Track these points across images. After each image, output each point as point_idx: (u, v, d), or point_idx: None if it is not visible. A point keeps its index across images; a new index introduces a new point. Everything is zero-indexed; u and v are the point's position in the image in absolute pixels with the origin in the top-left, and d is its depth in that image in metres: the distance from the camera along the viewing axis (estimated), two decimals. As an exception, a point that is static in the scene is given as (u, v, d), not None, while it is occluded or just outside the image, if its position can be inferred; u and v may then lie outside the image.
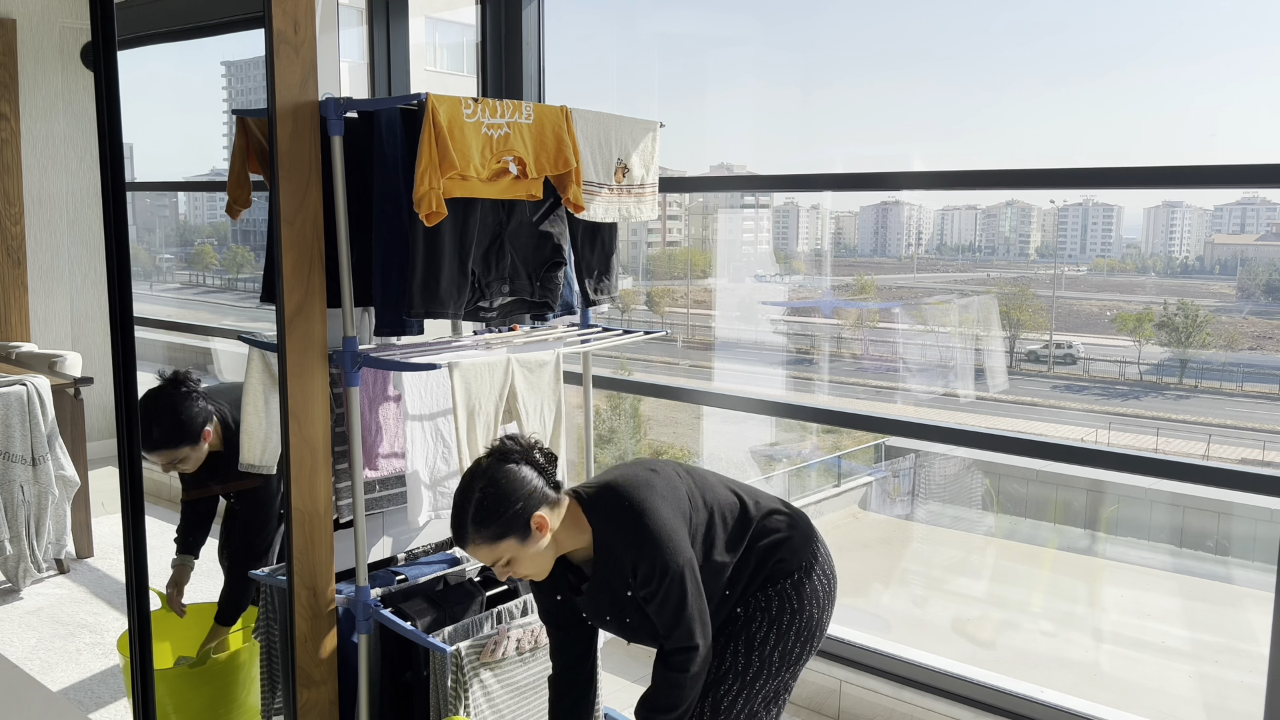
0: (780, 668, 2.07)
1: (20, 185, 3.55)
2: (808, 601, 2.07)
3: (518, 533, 1.90)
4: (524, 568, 1.94)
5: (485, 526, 1.89)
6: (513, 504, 1.89)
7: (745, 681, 2.05)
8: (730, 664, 2.06)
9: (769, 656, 2.05)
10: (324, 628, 2.38)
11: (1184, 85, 11.42)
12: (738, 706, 2.05)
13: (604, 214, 2.59)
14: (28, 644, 3.40)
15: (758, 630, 2.06)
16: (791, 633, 2.06)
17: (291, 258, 2.23)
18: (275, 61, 2.16)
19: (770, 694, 2.08)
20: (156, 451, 2.72)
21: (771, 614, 2.06)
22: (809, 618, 2.07)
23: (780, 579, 2.07)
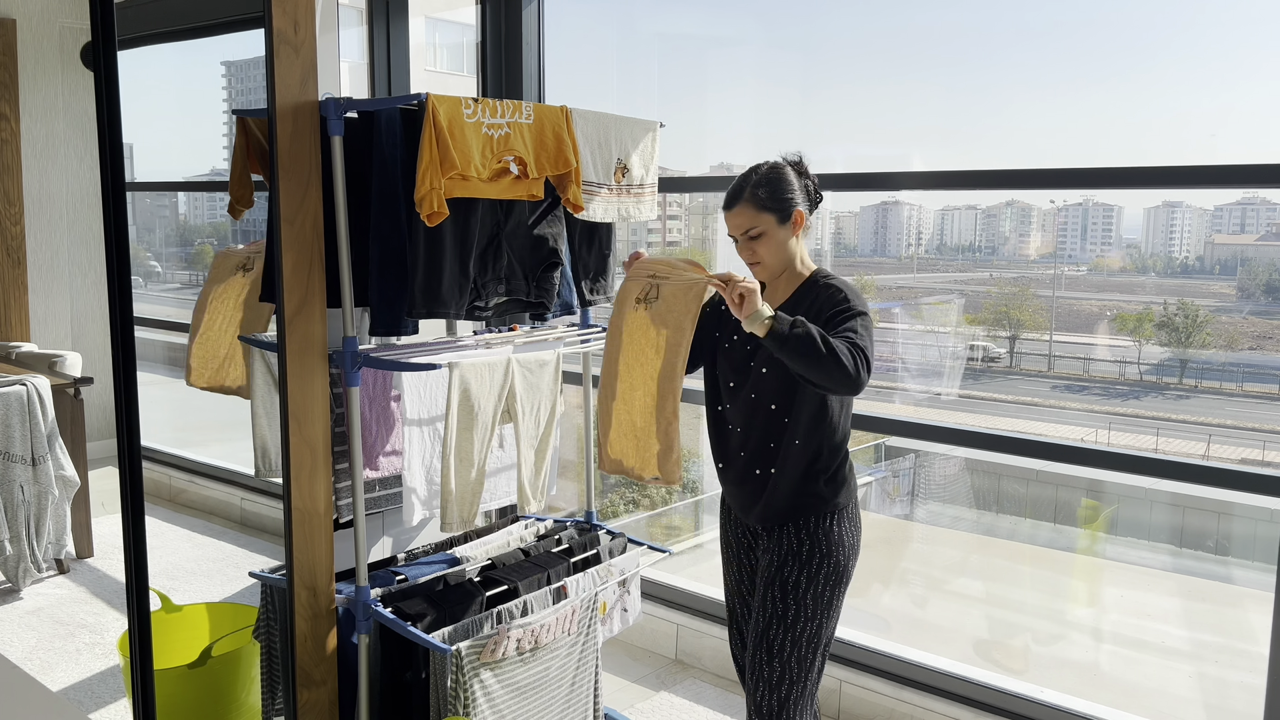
0: (815, 610, 2.18)
1: (20, 185, 3.54)
2: (835, 548, 2.19)
3: (780, 213, 2.16)
4: (767, 248, 2.17)
5: (760, 192, 2.16)
6: (788, 190, 2.18)
7: (788, 625, 2.17)
8: (771, 609, 2.19)
9: (803, 599, 2.17)
10: (324, 628, 2.38)
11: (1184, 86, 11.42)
12: (787, 649, 2.17)
13: (603, 214, 2.59)
14: (28, 644, 3.40)
15: (789, 574, 2.18)
16: (820, 576, 2.18)
17: (291, 258, 2.23)
18: (275, 61, 2.16)
19: (813, 636, 2.19)
20: None
21: (802, 558, 2.18)
22: (834, 563, 2.19)
23: (820, 508, 2.18)
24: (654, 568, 3.55)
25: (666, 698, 3.20)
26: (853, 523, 2.25)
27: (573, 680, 2.50)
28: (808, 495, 2.19)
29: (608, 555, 2.83)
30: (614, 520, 7.37)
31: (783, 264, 2.21)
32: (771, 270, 2.21)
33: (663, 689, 3.25)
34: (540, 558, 2.71)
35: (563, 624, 2.44)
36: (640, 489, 8.58)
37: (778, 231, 2.17)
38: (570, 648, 2.48)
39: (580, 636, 2.50)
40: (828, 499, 2.20)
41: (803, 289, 2.21)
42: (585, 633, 2.52)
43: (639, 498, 8.50)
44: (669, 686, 3.27)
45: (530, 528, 2.93)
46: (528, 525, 2.95)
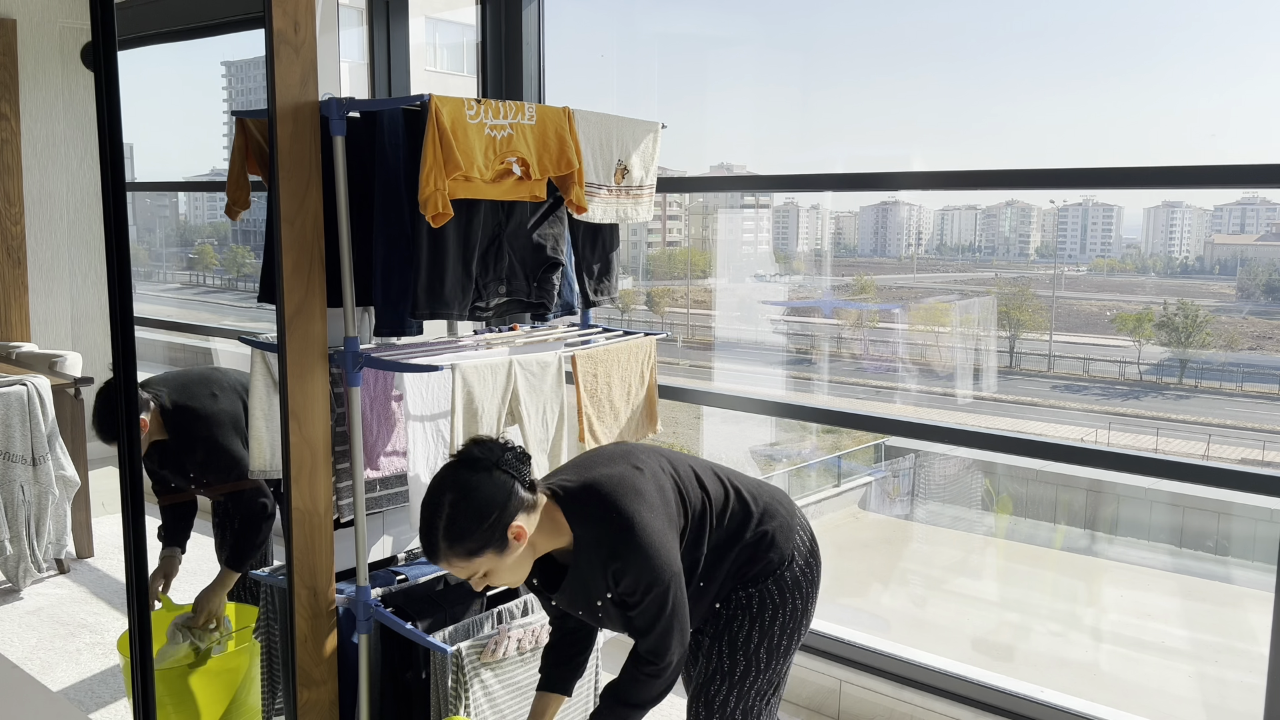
0: (769, 662, 2.02)
1: (20, 185, 3.54)
2: (789, 594, 2.02)
3: (495, 545, 1.78)
4: (501, 578, 1.85)
5: (459, 543, 1.76)
6: (488, 516, 1.76)
7: (734, 681, 2.01)
8: (716, 664, 2.01)
9: (755, 654, 2.01)
10: (324, 628, 2.38)
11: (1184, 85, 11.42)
12: (730, 704, 2.02)
13: (602, 215, 2.59)
14: (28, 644, 3.40)
15: (740, 629, 2.01)
16: (775, 628, 2.01)
17: (291, 258, 2.23)
18: (275, 61, 2.16)
19: (763, 687, 2.04)
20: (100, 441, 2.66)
21: (753, 612, 2.00)
22: (792, 610, 2.02)
23: (763, 577, 2.01)
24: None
25: (666, 697, 3.19)
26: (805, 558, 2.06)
27: (573, 680, 2.51)
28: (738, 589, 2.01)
29: (608, 555, 2.83)
30: (614, 520, 7.34)
31: (527, 567, 1.88)
32: (521, 579, 1.90)
33: None
34: (540, 558, 2.71)
35: (563, 624, 2.44)
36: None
37: (503, 560, 1.80)
38: (570, 648, 2.48)
39: (580, 636, 2.50)
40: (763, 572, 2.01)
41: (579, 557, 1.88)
42: (585, 633, 2.52)
43: (639, 498, 8.48)
44: (669, 686, 3.27)
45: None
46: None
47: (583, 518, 1.86)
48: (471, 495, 1.77)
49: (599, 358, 2.62)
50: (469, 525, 1.76)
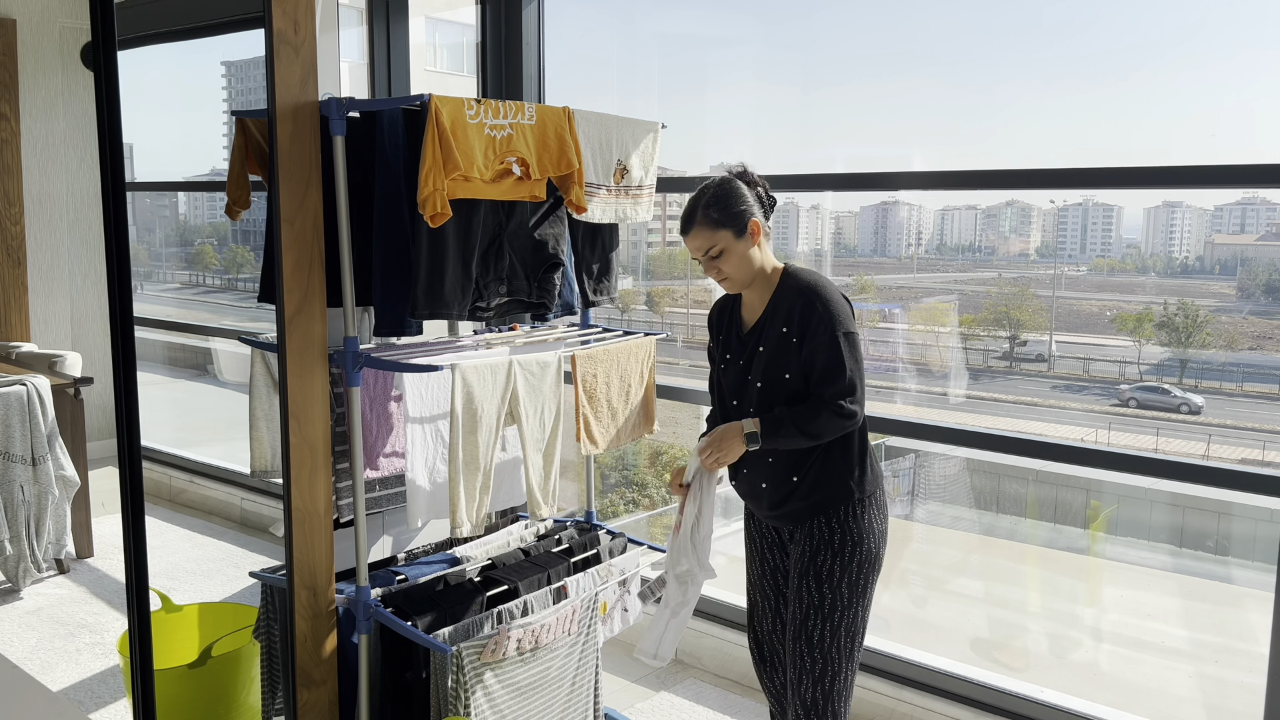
0: (851, 598, 2.21)
1: (20, 185, 3.55)
2: (866, 534, 2.22)
3: (736, 227, 2.19)
4: (730, 263, 2.21)
5: (712, 212, 2.19)
6: (738, 203, 2.21)
7: (824, 614, 2.20)
8: (809, 600, 2.21)
9: (839, 588, 2.20)
10: (324, 628, 2.38)
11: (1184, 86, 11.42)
12: (827, 639, 2.20)
13: (600, 215, 2.59)
14: (28, 644, 3.40)
15: (824, 564, 2.20)
16: (854, 564, 2.21)
17: (291, 258, 2.23)
18: (275, 61, 2.16)
19: (850, 626, 2.22)
20: None
21: (834, 547, 2.20)
22: (867, 550, 2.22)
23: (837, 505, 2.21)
24: (654, 568, 3.55)
25: (667, 698, 3.20)
26: (880, 509, 2.27)
27: (573, 680, 2.50)
28: (831, 490, 2.21)
29: (608, 555, 2.83)
30: (614, 520, 7.37)
31: (749, 275, 2.25)
32: (739, 283, 2.26)
33: (663, 689, 3.25)
34: (540, 558, 2.71)
35: (563, 624, 2.44)
36: (640, 489, 8.58)
37: (737, 245, 2.21)
38: (570, 648, 2.48)
39: (580, 636, 2.50)
40: (853, 490, 2.22)
41: (779, 294, 2.25)
42: (585, 633, 2.52)
43: (639, 498, 8.50)
44: (669, 686, 3.27)
45: (530, 528, 2.93)
46: (528, 525, 2.95)
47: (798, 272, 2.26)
48: (733, 188, 2.24)
49: (598, 358, 2.62)
50: (723, 203, 2.21)
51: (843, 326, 2.17)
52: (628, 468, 8.63)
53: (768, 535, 2.39)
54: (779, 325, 2.22)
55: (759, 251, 2.25)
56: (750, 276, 2.25)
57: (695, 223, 2.23)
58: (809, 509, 2.23)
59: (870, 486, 2.25)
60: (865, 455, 2.26)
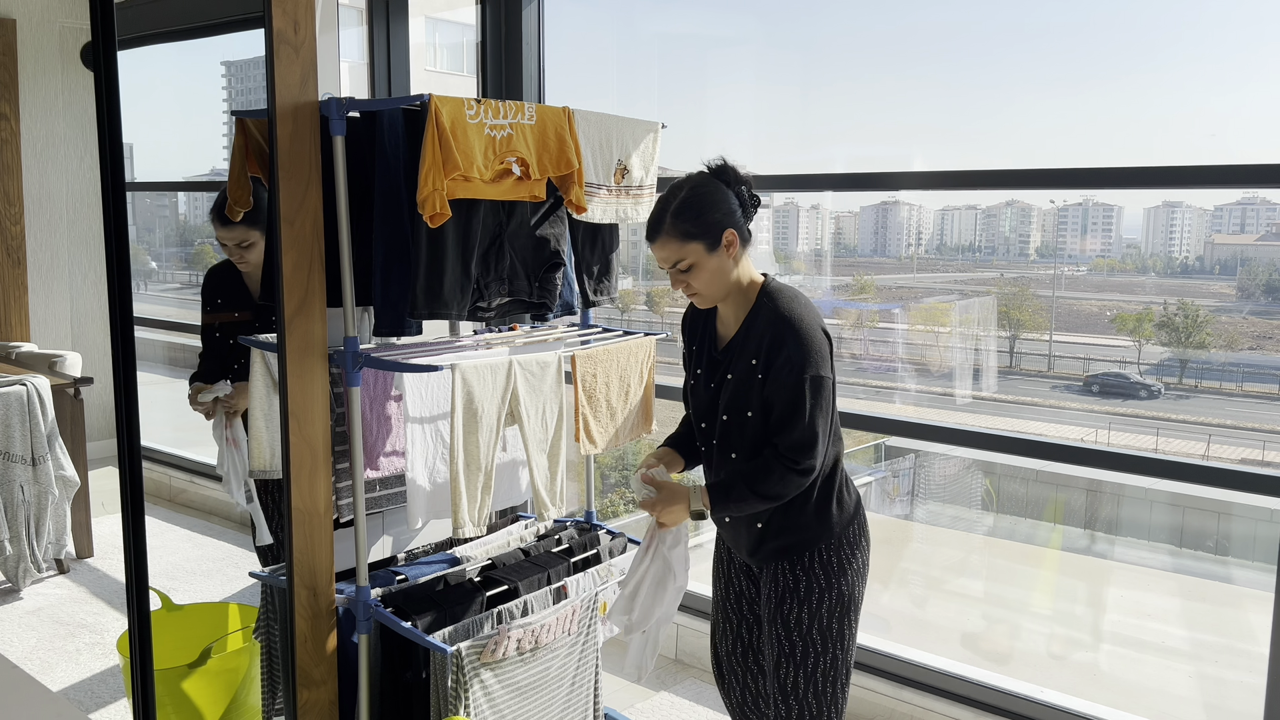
0: (825, 644, 2.09)
1: (20, 185, 3.55)
2: (835, 578, 2.08)
3: (708, 239, 1.97)
4: (700, 279, 2.01)
5: (682, 221, 1.97)
6: (713, 211, 1.98)
7: (797, 662, 2.09)
8: (779, 648, 2.10)
9: (809, 635, 2.08)
10: (324, 628, 2.38)
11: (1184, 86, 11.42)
12: (802, 687, 2.09)
13: (601, 215, 2.59)
14: (28, 644, 3.40)
15: (790, 612, 2.08)
16: (823, 611, 2.07)
17: (291, 258, 2.23)
18: (275, 61, 2.16)
19: (828, 670, 2.10)
20: None
21: (800, 595, 2.08)
22: (839, 595, 2.08)
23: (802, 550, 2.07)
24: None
25: (667, 698, 3.20)
26: (853, 545, 2.11)
27: (573, 680, 2.51)
28: (801, 534, 2.08)
29: (608, 555, 2.83)
30: (614, 520, 7.37)
31: (721, 291, 2.04)
32: (709, 300, 2.07)
33: (663, 689, 3.26)
34: (540, 558, 2.71)
35: (563, 624, 2.44)
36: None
37: (709, 260, 2.00)
38: (570, 648, 2.48)
39: (580, 636, 2.50)
40: (819, 532, 2.07)
41: (753, 317, 2.05)
42: (585, 633, 2.52)
43: (639, 497, 8.49)
44: (669, 686, 3.27)
45: (530, 528, 2.93)
46: (528, 525, 2.95)
47: (774, 293, 2.05)
48: (707, 190, 2.00)
49: (598, 358, 2.62)
50: (696, 210, 1.98)
51: (811, 369, 1.94)
52: (628, 468, 8.63)
53: (736, 561, 2.28)
54: (748, 356, 2.02)
55: (734, 265, 2.03)
56: (723, 293, 2.05)
57: (662, 231, 2.00)
58: (780, 552, 2.09)
59: (838, 526, 2.08)
60: (832, 491, 2.09)
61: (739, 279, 2.05)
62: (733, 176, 2.04)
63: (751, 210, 2.07)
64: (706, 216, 1.98)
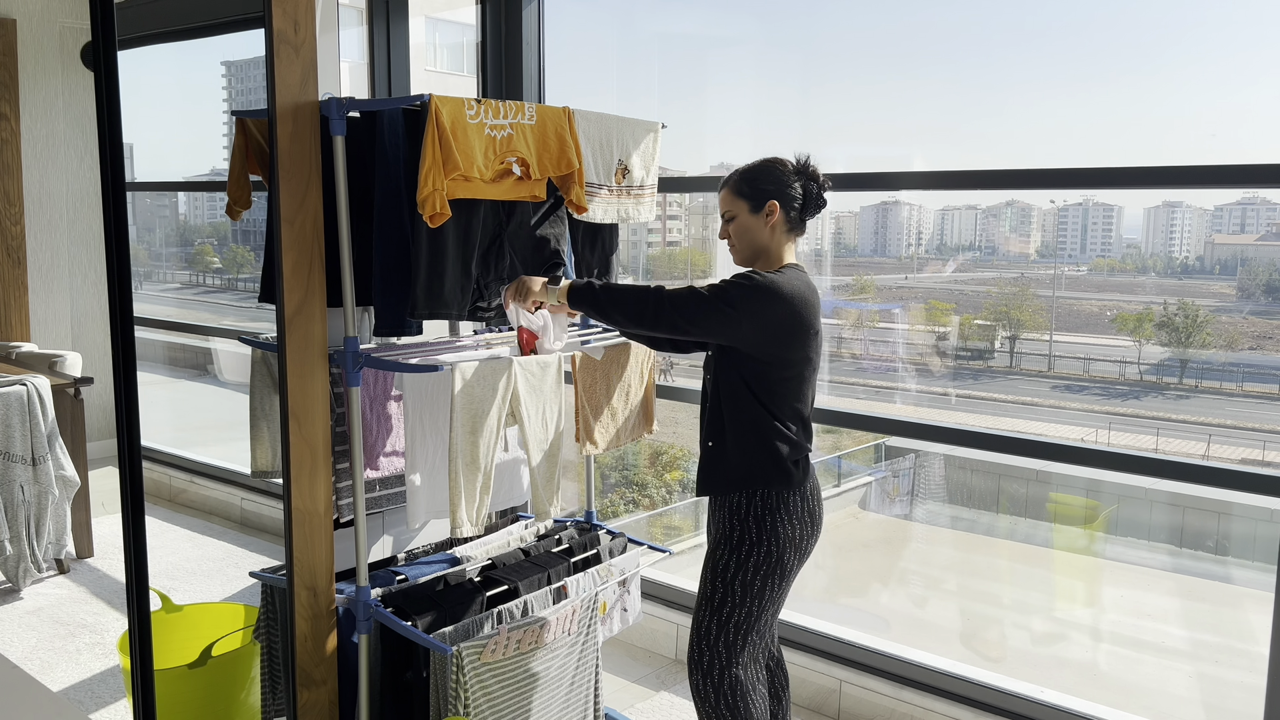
0: (744, 597, 2.19)
1: (20, 185, 3.54)
2: (767, 536, 2.19)
3: (754, 201, 2.25)
4: (735, 231, 2.28)
5: (742, 181, 2.27)
6: (769, 182, 2.25)
7: (714, 607, 2.21)
8: (702, 591, 2.24)
9: (731, 585, 2.19)
10: (324, 628, 2.38)
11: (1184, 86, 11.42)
12: (713, 633, 2.21)
13: (603, 215, 2.59)
14: (28, 644, 3.40)
15: (721, 559, 2.22)
16: (750, 564, 2.19)
17: (291, 258, 2.23)
18: (275, 61, 2.16)
19: (740, 623, 2.20)
20: None
21: (732, 543, 2.20)
22: (767, 553, 2.19)
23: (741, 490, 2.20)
24: (654, 568, 3.55)
25: (667, 698, 3.20)
26: (792, 516, 2.22)
27: (573, 680, 2.51)
28: (738, 469, 2.20)
29: (608, 555, 2.83)
30: (614, 520, 7.37)
31: (751, 251, 2.28)
32: (741, 255, 2.30)
33: (663, 689, 3.26)
34: (540, 558, 2.71)
35: (563, 624, 2.44)
36: (640, 489, 8.58)
37: (748, 219, 2.26)
38: (570, 648, 2.48)
39: (580, 636, 2.50)
40: (758, 472, 2.19)
41: None
42: (585, 633, 2.52)
43: (639, 498, 8.50)
44: (669, 686, 3.27)
45: (530, 528, 2.93)
46: (528, 525, 2.95)
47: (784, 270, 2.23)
48: (773, 169, 2.28)
49: (599, 358, 2.62)
50: (755, 176, 2.27)
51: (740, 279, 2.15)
52: (628, 468, 8.63)
53: None
54: None
55: (771, 235, 2.26)
56: (751, 253, 2.28)
57: (726, 184, 2.30)
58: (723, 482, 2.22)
59: (778, 483, 2.20)
60: (781, 440, 2.20)
61: (769, 250, 2.27)
62: (809, 172, 2.29)
63: (814, 206, 2.30)
64: (760, 184, 2.26)
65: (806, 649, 3.13)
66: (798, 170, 2.29)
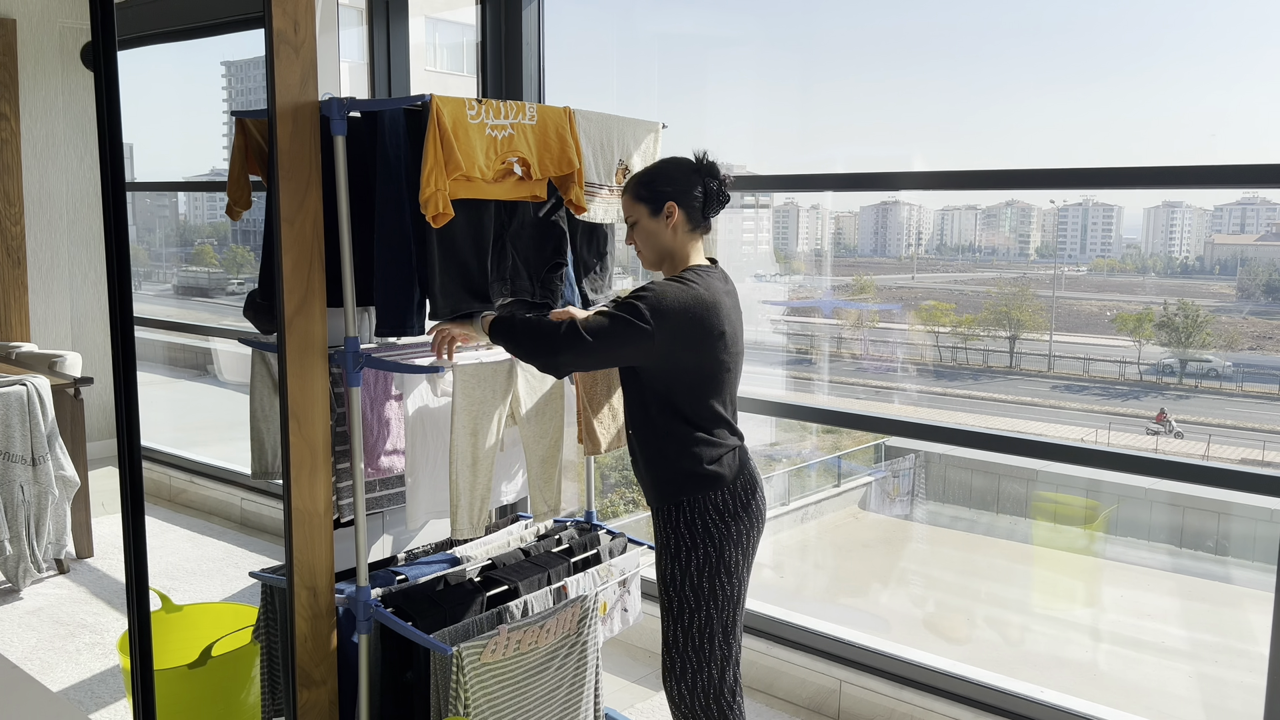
0: (696, 600, 2.18)
1: (20, 185, 3.54)
2: (700, 538, 2.17)
3: (652, 205, 2.20)
4: (638, 237, 2.24)
5: (639, 185, 2.22)
6: (666, 184, 2.20)
7: (674, 616, 2.21)
8: (661, 603, 2.23)
9: (681, 591, 2.18)
10: (324, 628, 2.38)
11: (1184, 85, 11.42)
12: (680, 640, 2.20)
13: (603, 215, 2.59)
14: (28, 644, 3.40)
15: (664, 568, 2.21)
16: (692, 568, 2.17)
17: (291, 258, 2.23)
18: (275, 61, 2.16)
19: (704, 626, 2.19)
20: None
21: (671, 551, 2.19)
22: (704, 554, 2.17)
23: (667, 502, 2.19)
24: (654, 568, 3.55)
25: (666, 698, 3.20)
26: (724, 514, 2.19)
27: (573, 680, 2.50)
28: (661, 482, 2.21)
29: (608, 555, 2.83)
30: (614, 520, 7.37)
31: (657, 255, 2.24)
32: (648, 259, 2.27)
33: (663, 689, 3.25)
34: (540, 558, 2.71)
35: (563, 624, 2.44)
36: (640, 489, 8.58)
37: (649, 223, 2.22)
38: (571, 648, 2.48)
39: (580, 637, 2.50)
40: (681, 487, 2.18)
41: None
42: (585, 633, 2.52)
43: (639, 498, 8.50)
44: (669, 686, 3.27)
45: (530, 528, 2.93)
46: (528, 525, 2.95)
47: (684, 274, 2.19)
48: (671, 169, 2.23)
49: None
50: (653, 179, 2.22)
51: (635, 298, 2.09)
52: (628, 468, 8.63)
53: None
54: None
55: (674, 237, 2.21)
56: (657, 257, 2.24)
57: (626, 190, 2.26)
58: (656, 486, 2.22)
59: (698, 488, 2.17)
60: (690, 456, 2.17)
61: (673, 252, 2.23)
62: (707, 169, 2.22)
63: (716, 204, 2.24)
64: (657, 185, 2.20)
65: (806, 649, 3.13)
66: (697, 168, 2.22)
